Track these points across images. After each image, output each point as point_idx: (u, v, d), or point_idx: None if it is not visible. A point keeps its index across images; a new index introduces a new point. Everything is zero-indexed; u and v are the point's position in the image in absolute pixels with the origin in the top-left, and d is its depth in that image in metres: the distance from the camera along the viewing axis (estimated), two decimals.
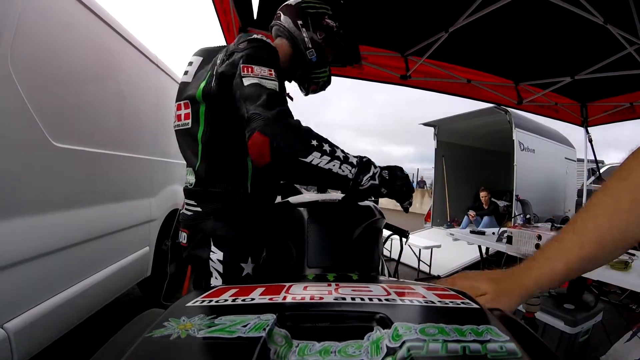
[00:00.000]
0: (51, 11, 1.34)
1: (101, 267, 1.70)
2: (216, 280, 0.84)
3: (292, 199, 1.16)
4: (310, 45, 0.94)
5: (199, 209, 0.89)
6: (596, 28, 2.09)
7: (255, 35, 0.81)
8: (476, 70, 3.15)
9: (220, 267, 0.85)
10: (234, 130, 0.79)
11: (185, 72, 0.92)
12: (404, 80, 2.94)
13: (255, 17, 2.22)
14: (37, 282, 1.26)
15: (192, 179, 0.91)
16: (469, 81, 3.18)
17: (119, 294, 1.97)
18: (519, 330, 0.42)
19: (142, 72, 2.22)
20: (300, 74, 1.02)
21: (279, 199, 1.34)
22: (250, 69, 0.71)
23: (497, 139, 6.31)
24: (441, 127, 6.19)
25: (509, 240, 1.98)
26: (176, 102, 0.92)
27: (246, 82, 0.70)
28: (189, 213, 0.91)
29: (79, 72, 1.55)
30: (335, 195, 1.30)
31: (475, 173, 6.59)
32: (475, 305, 0.46)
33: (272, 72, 0.72)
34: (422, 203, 11.83)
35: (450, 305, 0.46)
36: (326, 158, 0.68)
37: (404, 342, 0.35)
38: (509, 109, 4.44)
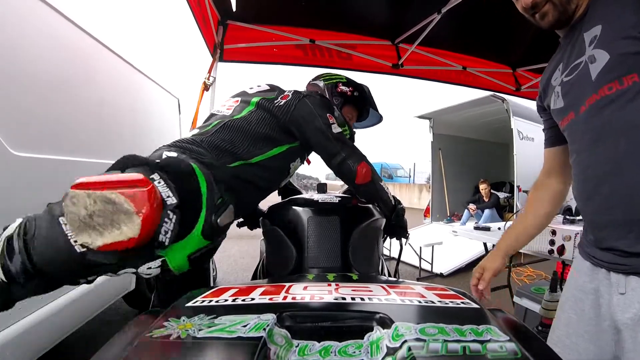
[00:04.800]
0: (9, 9, 1.31)
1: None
2: None
3: (293, 199, 1.18)
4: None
5: None
6: None
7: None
8: (472, 57, 3.19)
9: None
10: None
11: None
12: (396, 69, 2.96)
13: (234, 9, 2.20)
14: None
15: None
16: (465, 68, 3.23)
17: (99, 311, 1.94)
18: (519, 330, 0.45)
19: (117, 73, 2.20)
20: None
21: (279, 199, 1.37)
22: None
23: (494, 129, 6.41)
24: (436, 120, 6.25)
25: None
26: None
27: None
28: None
29: (44, 74, 1.52)
30: (335, 195, 1.33)
31: (473, 165, 6.68)
32: (475, 305, 0.48)
33: None
34: (420, 198, 11.94)
35: (450, 305, 0.48)
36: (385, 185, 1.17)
37: (404, 342, 0.37)
38: (506, 97, 4.50)
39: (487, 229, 2.56)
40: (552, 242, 1.72)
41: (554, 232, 1.71)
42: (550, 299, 1.42)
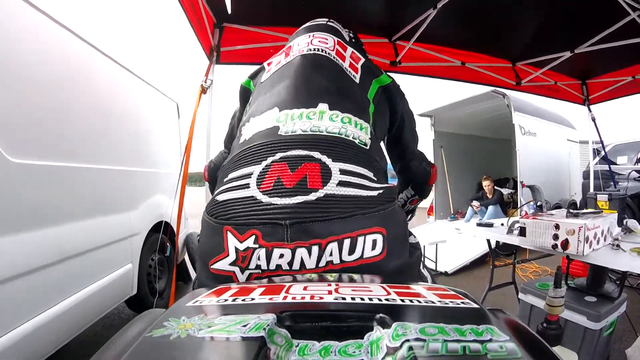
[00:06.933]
0: (3, 15, 1.32)
1: (76, 289, 1.68)
2: None
3: None
4: None
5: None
6: None
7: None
8: (470, 52, 3.18)
9: None
10: None
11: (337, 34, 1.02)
12: (394, 66, 2.95)
13: (229, 11, 2.20)
14: (2, 311, 1.21)
15: (363, 135, 0.74)
16: (464, 64, 3.22)
17: (100, 315, 1.96)
18: (519, 330, 0.44)
19: (115, 79, 2.22)
20: None
21: None
22: None
23: (496, 125, 6.41)
24: (437, 117, 6.25)
25: (522, 232, 1.83)
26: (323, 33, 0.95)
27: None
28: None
29: (41, 80, 1.52)
30: None
31: (475, 162, 6.68)
32: (475, 305, 0.48)
33: None
34: None
35: (450, 305, 0.48)
36: None
37: (404, 342, 0.36)
38: (507, 93, 4.50)
39: (490, 225, 2.57)
40: (555, 237, 1.67)
41: (557, 226, 1.66)
42: (554, 295, 1.36)
